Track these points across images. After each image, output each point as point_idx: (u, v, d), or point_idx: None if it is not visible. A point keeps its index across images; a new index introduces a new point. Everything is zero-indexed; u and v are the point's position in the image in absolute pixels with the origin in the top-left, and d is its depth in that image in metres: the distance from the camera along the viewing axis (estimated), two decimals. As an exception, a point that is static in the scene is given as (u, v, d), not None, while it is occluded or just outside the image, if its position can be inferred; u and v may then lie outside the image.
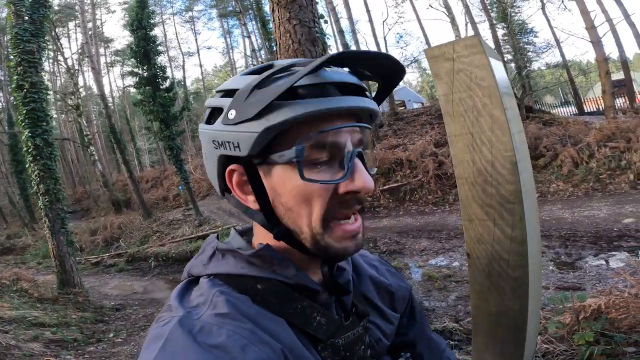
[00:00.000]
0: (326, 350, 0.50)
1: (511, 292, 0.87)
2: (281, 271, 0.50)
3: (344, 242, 0.48)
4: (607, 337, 1.57)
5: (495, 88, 0.80)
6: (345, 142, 0.47)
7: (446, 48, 0.87)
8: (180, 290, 0.52)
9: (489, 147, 0.82)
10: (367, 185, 0.47)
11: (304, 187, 0.46)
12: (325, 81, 0.46)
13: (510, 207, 0.81)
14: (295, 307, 0.50)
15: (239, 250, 0.52)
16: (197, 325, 0.43)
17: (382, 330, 0.61)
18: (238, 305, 0.47)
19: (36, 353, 3.91)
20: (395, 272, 0.73)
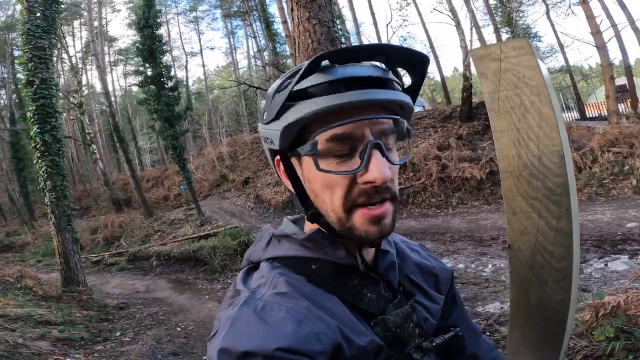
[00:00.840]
0: (378, 326, 0.54)
1: (554, 283, 0.90)
2: (332, 253, 0.55)
3: (366, 225, 0.51)
4: (626, 333, 1.61)
5: (544, 87, 0.84)
6: (363, 134, 0.49)
7: (493, 49, 0.91)
8: (244, 275, 0.58)
9: (536, 142, 0.86)
10: (381, 176, 0.48)
11: (324, 176, 0.51)
12: (333, 78, 0.49)
13: (556, 199, 0.84)
14: (347, 284, 0.54)
15: (293, 236, 0.57)
16: (260, 304, 0.48)
17: (429, 310, 0.64)
18: (295, 285, 0.52)
19: (44, 352, 3.89)
20: (436, 257, 0.76)
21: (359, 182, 0.50)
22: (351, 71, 0.49)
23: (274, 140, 0.54)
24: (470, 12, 12.41)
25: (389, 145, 0.52)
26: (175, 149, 11.35)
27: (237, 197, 13.57)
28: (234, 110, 27.36)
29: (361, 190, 0.50)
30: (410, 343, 0.57)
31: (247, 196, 13.12)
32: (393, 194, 0.52)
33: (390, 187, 0.51)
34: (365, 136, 0.50)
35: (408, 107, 0.54)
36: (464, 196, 8.64)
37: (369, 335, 0.51)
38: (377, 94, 0.49)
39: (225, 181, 15.57)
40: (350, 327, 0.50)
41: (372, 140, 0.49)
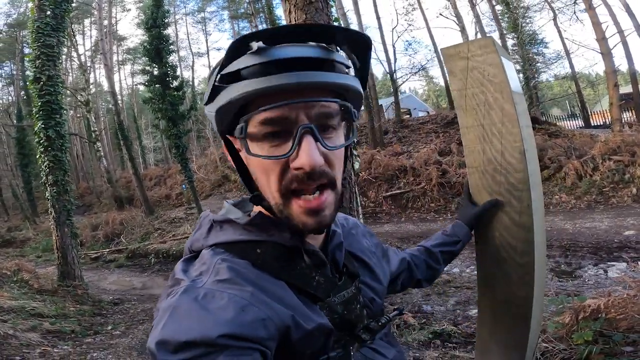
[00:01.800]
0: (325, 309, 0.53)
1: (518, 279, 0.91)
2: (277, 235, 0.53)
3: (303, 217, 0.49)
4: (605, 337, 1.60)
5: (507, 84, 0.85)
6: (297, 117, 0.47)
7: (461, 47, 0.93)
8: (184, 264, 0.55)
9: (499, 138, 0.87)
10: (309, 162, 0.46)
11: (259, 160, 0.49)
12: (264, 60, 0.46)
13: (518, 195, 0.85)
14: (294, 267, 0.52)
15: (236, 220, 0.55)
16: (202, 292, 0.46)
17: (375, 290, 0.65)
18: (239, 271, 0.49)
19: (33, 343, 3.92)
20: (369, 230, 0.78)
21: (291, 168, 0.48)
22: (285, 52, 0.47)
23: (212, 122, 0.54)
24: (476, 17, 12.43)
25: (330, 128, 0.50)
26: (178, 148, 11.43)
27: (239, 198, 13.61)
28: (238, 112, 27.37)
29: (293, 176, 0.48)
30: (359, 324, 0.57)
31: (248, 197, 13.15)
32: (330, 180, 0.50)
33: (327, 172, 0.49)
34: (298, 120, 0.47)
35: (353, 89, 0.51)
36: (464, 202, 8.61)
37: (317, 320, 0.50)
38: (310, 76, 0.46)
39: (227, 181, 15.63)
40: (298, 312, 0.49)
41: (303, 125, 0.47)
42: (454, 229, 0.94)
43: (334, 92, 0.50)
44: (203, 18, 29.01)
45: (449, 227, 0.96)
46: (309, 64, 0.47)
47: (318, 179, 0.48)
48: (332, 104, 0.49)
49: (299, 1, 2.61)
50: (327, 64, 0.49)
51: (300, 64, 0.47)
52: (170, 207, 15.48)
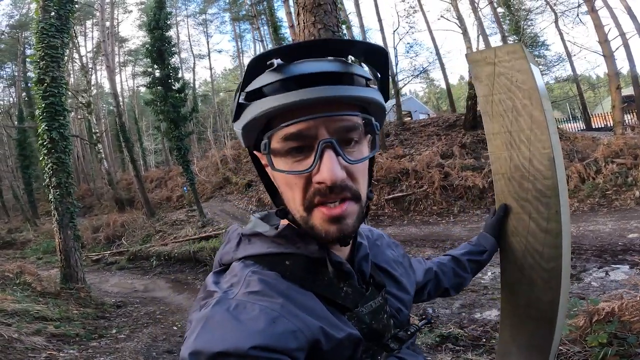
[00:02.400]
0: (353, 319, 0.54)
1: (543, 284, 0.91)
2: (304, 248, 0.54)
3: (325, 224, 0.50)
4: (619, 339, 1.61)
5: (536, 90, 0.86)
6: (317, 132, 0.48)
7: (488, 53, 0.93)
8: (215, 276, 0.56)
9: (527, 145, 0.88)
10: (330, 177, 0.47)
11: (283, 175, 0.51)
12: (284, 77, 0.48)
13: (546, 201, 0.86)
14: (322, 279, 0.54)
15: (264, 233, 0.56)
16: (233, 303, 0.47)
17: (401, 300, 0.66)
18: (270, 283, 0.50)
19: (38, 347, 3.91)
20: (394, 241, 0.79)
21: (313, 182, 0.49)
22: (304, 68, 0.48)
23: (240, 139, 0.56)
24: (477, 19, 12.47)
25: (353, 142, 0.51)
26: (180, 150, 11.43)
27: (240, 200, 13.62)
28: (239, 114, 27.41)
29: (316, 190, 0.49)
30: (386, 334, 0.58)
31: (250, 199, 13.16)
32: (354, 193, 0.50)
33: (349, 185, 0.50)
34: (318, 134, 0.48)
35: (374, 102, 0.52)
36: (466, 204, 8.62)
37: (346, 329, 0.51)
38: (329, 91, 0.47)
39: (228, 184, 15.63)
40: (327, 322, 0.50)
41: (324, 140, 0.48)
42: (479, 240, 0.96)
43: (355, 105, 0.51)
44: (204, 20, 29.08)
45: (475, 238, 0.97)
46: (329, 79, 0.48)
47: (340, 193, 0.49)
48: (353, 117, 0.50)
49: (308, 3, 2.62)
50: (346, 78, 0.50)
51: (320, 78, 0.48)
52: (171, 209, 15.47)
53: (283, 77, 0.47)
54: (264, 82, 0.48)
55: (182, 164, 11.78)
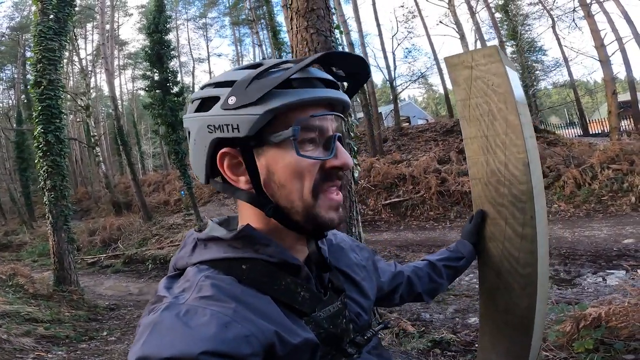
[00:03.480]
0: (310, 324, 0.54)
1: (520, 289, 0.90)
2: (263, 250, 0.53)
3: (331, 212, 0.55)
4: (606, 345, 1.60)
5: (511, 94, 0.85)
6: (329, 127, 0.56)
7: (465, 57, 0.93)
8: (167, 281, 0.55)
9: (503, 149, 0.87)
10: (348, 162, 0.56)
11: (297, 163, 0.52)
12: (313, 76, 0.54)
13: (522, 206, 0.85)
14: (280, 283, 0.53)
15: (221, 237, 0.55)
16: (184, 309, 0.45)
17: (361, 305, 0.65)
18: (223, 287, 0.49)
19: (27, 348, 3.88)
20: (359, 244, 0.78)
21: (325, 168, 0.55)
22: (322, 73, 0.56)
23: (240, 126, 0.52)
24: (475, 25, 12.55)
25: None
26: (178, 154, 11.43)
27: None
28: (238, 118, 27.46)
29: (326, 174, 0.55)
30: (345, 339, 0.58)
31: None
32: (344, 181, 0.59)
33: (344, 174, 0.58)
34: (329, 129, 0.56)
35: (347, 109, 0.60)
36: (462, 210, 8.61)
37: (302, 334, 0.50)
38: (343, 95, 0.56)
39: (226, 188, 15.58)
40: (283, 327, 0.49)
41: (337, 134, 0.56)
42: (457, 246, 0.96)
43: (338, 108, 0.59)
44: (204, 24, 29.24)
45: (453, 244, 0.97)
46: (334, 84, 0.57)
47: (342, 178, 0.57)
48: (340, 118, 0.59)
49: (301, 8, 2.63)
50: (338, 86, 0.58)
51: (329, 83, 0.56)
52: (168, 213, 15.43)
53: (310, 76, 0.54)
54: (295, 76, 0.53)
55: (179, 168, 11.78)
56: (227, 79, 0.55)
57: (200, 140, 0.55)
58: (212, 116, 0.53)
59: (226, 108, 0.52)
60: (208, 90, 0.56)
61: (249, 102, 0.51)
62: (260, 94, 0.51)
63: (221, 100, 0.53)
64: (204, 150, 0.55)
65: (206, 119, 0.54)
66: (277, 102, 0.51)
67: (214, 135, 0.54)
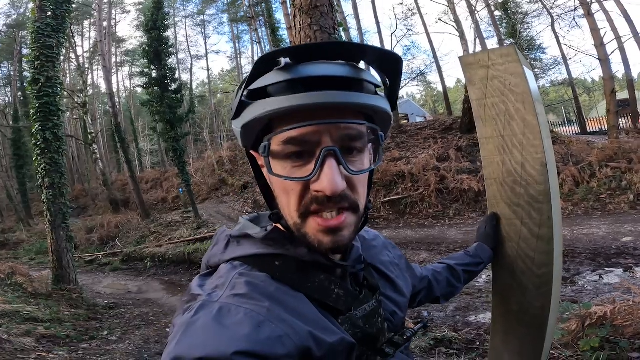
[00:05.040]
0: (346, 323, 0.52)
1: (535, 289, 0.90)
2: (293, 251, 0.52)
3: (319, 235, 0.48)
4: (612, 344, 1.61)
5: (529, 95, 0.85)
6: (321, 139, 0.46)
7: (481, 56, 0.92)
8: (200, 279, 0.54)
9: (520, 150, 0.87)
10: (331, 187, 0.45)
11: (279, 180, 0.49)
12: (290, 77, 0.45)
13: (539, 207, 0.85)
14: (313, 280, 0.52)
15: (253, 235, 0.55)
16: (217, 307, 0.45)
17: (396, 302, 0.64)
18: (257, 285, 0.48)
19: (28, 348, 3.86)
20: (391, 242, 0.77)
21: (311, 190, 0.47)
22: (313, 70, 0.46)
23: (238, 138, 0.53)
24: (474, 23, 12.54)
25: (355, 151, 0.49)
26: (176, 151, 11.39)
27: (236, 202, 13.57)
28: (236, 115, 27.38)
29: (313, 198, 0.48)
30: (381, 338, 0.56)
31: (246, 201, 13.11)
32: (352, 204, 0.49)
33: (348, 195, 0.48)
34: (321, 141, 0.46)
35: (381, 111, 0.49)
36: (462, 208, 8.63)
37: (339, 334, 0.49)
38: (337, 97, 0.45)
39: (224, 185, 15.58)
40: (319, 326, 0.48)
41: (327, 147, 0.46)
42: (477, 251, 0.94)
43: (362, 113, 0.49)
44: (202, 21, 29.07)
45: (472, 248, 0.96)
46: (337, 83, 0.46)
47: (339, 203, 0.47)
48: (359, 126, 0.48)
49: (305, 5, 2.61)
50: (355, 84, 0.48)
51: (328, 82, 0.45)
52: (166, 210, 15.39)
53: (290, 78, 0.45)
54: (270, 82, 0.46)
55: (178, 165, 11.74)
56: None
57: None
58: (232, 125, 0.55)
59: (231, 119, 0.53)
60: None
61: (233, 116, 0.51)
62: (236, 106, 0.50)
63: None
64: None
65: None
66: (248, 116, 0.48)
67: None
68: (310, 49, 0.47)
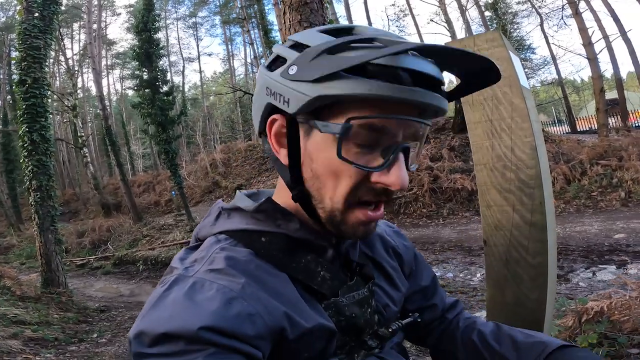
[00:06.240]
0: (330, 309, 0.50)
1: (530, 280, 0.87)
2: (285, 225, 0.51)
3: (358, 226, 0.47)
4: (610, 339, 1.59)
5: (516, 78, 0.82)
6: (397, 132, 0.45)
7: (467, 41, 0.90)
8: (184, 252, 0.53)
9: (509, 133, 0.84)
10: (400, 183, 0.45)
11: (338, 163, 0.45)
12: (400, 66, 0.42)
13: (530, 192, 0.82)
14: (299, 260, 0.50)
15: (245, 208, 0.53)
16: (190, 281, 0.43)
17: (390, 296, 0.61)
18: (237, 260, 0.46)
19: (14, 350, 3.79)
20: (399, 232, 0.74)
21: (372, 180, 0.46)
22: (418, 64, 0.43)
23: (291, 101, 0.45)
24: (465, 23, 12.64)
25: (414, 150, 0.49)
26: (168, 153, 11.28)
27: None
28: (229, 117, 27.36)
29: (369, 188, 0.46)
30: (367, 330, 0.53)
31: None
32: (391, 198, 0.49)
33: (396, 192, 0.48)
34: (397, 135, 0.45)
35: (442, 114, 0.48)
36: (455, 207, 8.66)
37: (317, 319, 0.46)
38: (437, 100, 0.44)
39: (218, 188, 15.48)
40: (296, 308, 0.45)
41: (404, 144, 0.46)
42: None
43: (428, 112, 0.47)
44: (194, 23, 28.98)
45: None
46: (434, 84, 0.44)
47: (390, 195, 0.47)
48: (427, 127, 0.49)
49: (294, 2, 2.58)
50: (442, 87, 0.46)
51: (428, 81, 0.44)
52: (159, 213, 15.25)
53: (396, 65, 0.42)
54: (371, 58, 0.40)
55: (170, 168, 11.63)
56: (304, 42, 0.47)
57: (258, 98, 0.51)
58: (272, 79, 0.48)
59: (284, 76, 0.46)
60: (283, 49, 0.49)
61: (306, 79, 0.44)
62: (321, 73, 0.42)
63: (286, 64, 0.47)
64: (261, 108, 0.51)
65: (267, 80, 0.49)
66: (336, 90, 0.42)
67: (269, 99, 0.48)
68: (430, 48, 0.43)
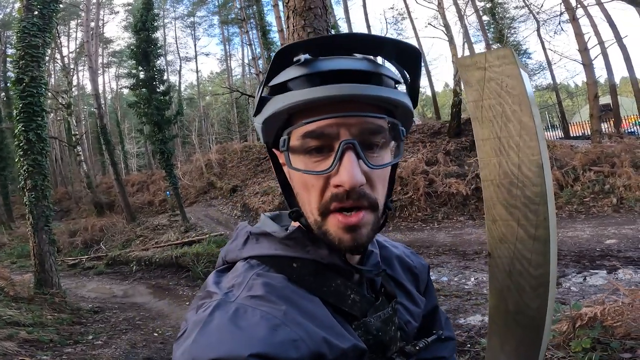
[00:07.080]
0: (360, 329, 0.52)
1: (531, 290, 0.90)
2: (314, 252, 0.52)
3: (340, 232, 0.48)
4: (603, 344, 1.64)
5: (525, 96, 0.86)
6: (338, 132, 0.46)
7: (478, 58, 0.93)
8: (216, 276, 0.54)
9: (516, 151, 0.87)
10: (350, 180, 0.44)
11: (305, 176, 0.48)
12: (309, 72, 0.46)
13: (535, 208, 0.85)
14: (329, 285, 0.52)
15: (273, 234, 0.54)
16: (233, 307, 0.44)
17: (411, 312, 0.63)
18: (274, 286, 0.48)
19: (10, 352, 3.77)
20: (415, 253, 0.77)
21: (331, 185, 0.47)
22: (331, 64, 0.46)
23: (259, 133, 0.53)
24: (463, 27, 12.76)
25: (375, 146, 0.48)
26: (163, 153, 11.23)
27: (224, 205, 13.43)
28: (225, 118, 27.29)
29: (333, 194, 0.47)
30: (392, 347, 0.56)
31: (234, 204, 12.99)
32: (372, 202, 0.48)
33: (367, 194, 0.47)
34: (340, 135, 0.46)
35: (402, 105, 0.49)
36: (450, 211, 8.73)
37: (351, 340, 0.48)
38: (356, 89, 0.45)
39: (213, 188, 15.42)
40: (332, 331, 0.47)
41: (345, 140, 0.45)
42: None
43: (382, 107, 0.49)
44: (192, 22, 28.88)
45: None
46: (356, 77, 0.46)
47: (358, 200, 0.47)
48: (379, 120, 0.48)
49: (298, 7, 2.61)
50: (375, 78, 0.47)
51: (347, 76, 0.45)
52: (153, 213, 15.14)
53: (309, 72, 0.46)
54: (290, 76, 0.47)
55: (165, 168, 11.57)
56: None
57: None
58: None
59: (253, 115, 0.53)
60: None
61: (255, 112, 0.51)
62: (257, 102, 0.50)
63: None
64: None
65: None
66: (268, 111, 0.48)
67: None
68: (327, 40, 0.48)
